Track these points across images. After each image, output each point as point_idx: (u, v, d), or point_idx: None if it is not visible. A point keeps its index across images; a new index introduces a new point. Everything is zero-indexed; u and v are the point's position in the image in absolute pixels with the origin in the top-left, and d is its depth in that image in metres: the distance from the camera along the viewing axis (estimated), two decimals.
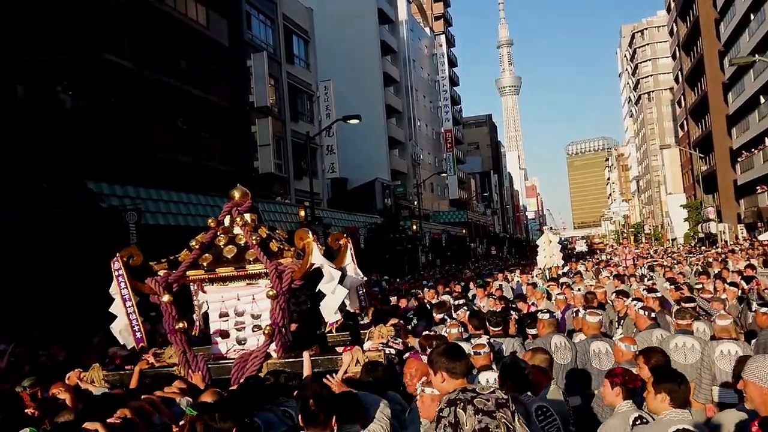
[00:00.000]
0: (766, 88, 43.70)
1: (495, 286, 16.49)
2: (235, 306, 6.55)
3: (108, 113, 19.91)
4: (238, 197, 6.60)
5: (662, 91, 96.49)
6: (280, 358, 6.19)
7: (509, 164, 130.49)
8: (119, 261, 6.34)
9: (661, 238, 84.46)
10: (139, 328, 6.29)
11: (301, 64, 38.60)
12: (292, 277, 6.12)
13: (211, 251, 6.43)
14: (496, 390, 3.54)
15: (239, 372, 6.03)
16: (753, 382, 3.45)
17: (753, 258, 22.08)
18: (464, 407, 3.38)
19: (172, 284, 6.36)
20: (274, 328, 6.14)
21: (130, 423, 4.46)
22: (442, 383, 3.74)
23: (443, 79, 75.70)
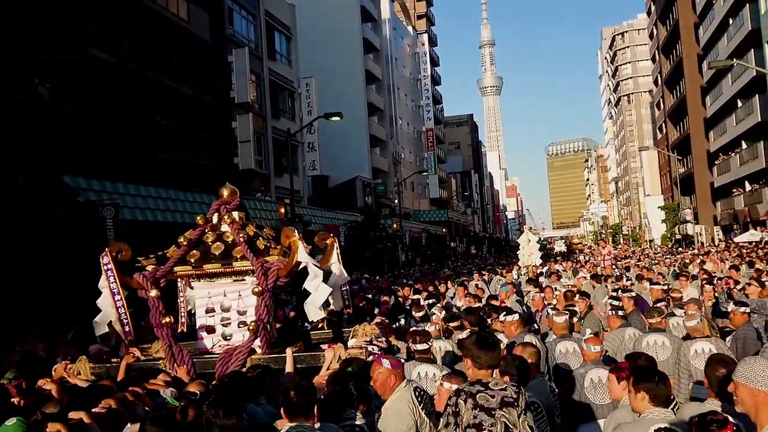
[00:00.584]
0: (743, 92, 44.21)
1: (471, 286, 16.52)
2: (221, 302, 6.66)
3: (86, 107, 19.67)
4: (227, 195, 6.72)
5: (642, 93, 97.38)
6: (264, 354, 6.26)
7: (490, 164, 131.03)
8: (108, 255, 6.45)
9: (639, 239, 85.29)
10: (128, 321, 6.43)
11: (282, 61, 38.42)
12: (278, 274, 6.24)
13: (199, 248, 6.53)
14: (510, 387, 3.57)
15: (223, 366, 6.12)
16: (744, 384, 3.35)
17: (728, 260, 22.36)
18: (465, 399, 3.47)
19: (160, 279, 6.48)
20: (258, 324, 6.23)
21: (115, 413, 4.57)
22: (468, 369, 3.86)
23: (425, 78, 75.79)
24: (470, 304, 11.12)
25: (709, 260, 21.79)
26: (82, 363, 6.58)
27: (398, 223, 46.35)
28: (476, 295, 12.59)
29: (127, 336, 6.58)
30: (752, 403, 3.33)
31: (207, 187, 24.79)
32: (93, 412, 4.44)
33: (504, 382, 3.67)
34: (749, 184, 46.26)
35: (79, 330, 11.04)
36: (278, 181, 34.31)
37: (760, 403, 3.27)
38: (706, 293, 11.40)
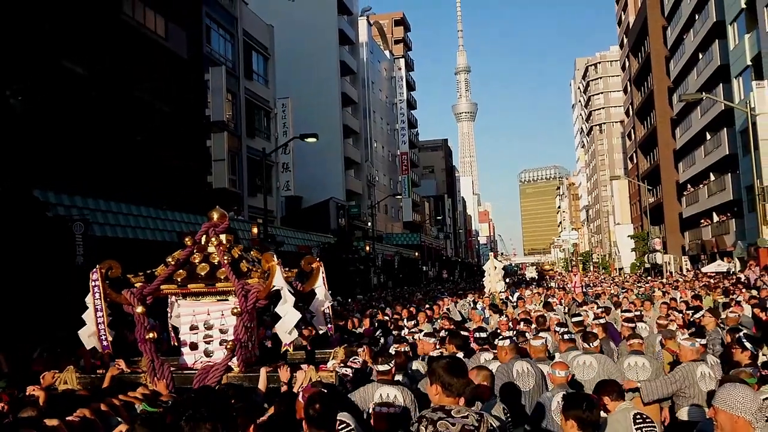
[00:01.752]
0: (712, 125, 45.14)
1: (443, 309, 16.61)
2: (205, 320, 6.95)
3: (59, 121, 19.44)
4: (217, 218, 7.01)
5: (613, 123, 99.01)
6: (240, 372, 6.55)
7: (463, 189, 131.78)
8: (98, 272, 6.74)
9: (609, 267, 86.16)
10: (106, 336, 6.72)
11: (260, 81, 38.43)
12: (257, 296, 6.52)
13: (185, 267, 6.83)
14: (471, 415, 3.56)
15: (200, 382, 6.37)
16: (723, 410, 3.46)
17: (695, 290, 22.66)
18: (426, 426, 3.48)
19: (146, 296, 6.77)
20: (236, 343, 6.51)
21: (89, 422, 4.76)
22: (435, 395, 3.77)
23: (401, 102, 76.27)
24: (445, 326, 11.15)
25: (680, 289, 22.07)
26: (69, 372, 6.81)
27: (371, 245, 46.29)
28: (451, 318, 12.72)
29: (104, 350, 6.85)
30: (731, 429, 3.44)
31: (179, 205, 24.59)
32: (67, 421, 4.55)
33: (466, 410, 3.66)
34: (717, 215, 47.08)
35: (45, 347, 10.79)
36: (252, 201, 34.13)
37: (739, 428, 3.39)
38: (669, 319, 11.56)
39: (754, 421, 3.40)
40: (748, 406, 3.41)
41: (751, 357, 6.61)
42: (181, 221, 24.09)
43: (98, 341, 6.74)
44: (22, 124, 18.08)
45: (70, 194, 18.54)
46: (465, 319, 15.92)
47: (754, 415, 3.40)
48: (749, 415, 3.39)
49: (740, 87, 39.09)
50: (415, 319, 13.64)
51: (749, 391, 3.53)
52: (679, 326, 11.38)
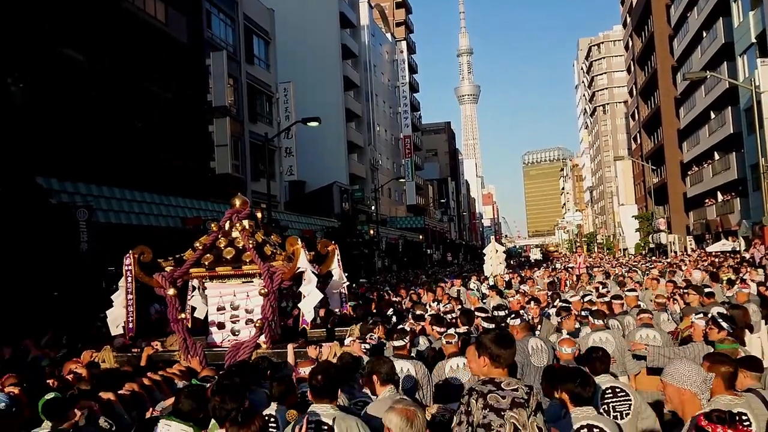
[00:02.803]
0: (716, 104, 44.87)
1: (453, 291, 16.68)
2: (231, 301, 7.41)
3: (60, 108, 19.40)
4: (239, 205, 7.46)
5: (617, 103, 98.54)
6: (268, 349, 6.99)
7: (466, 172, 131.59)
8: (131, 257, 7.20)
9: (613, 248, 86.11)
10: (133, 319, 7.19)
11: (261, 65, 38.28)
12: (282, 278, 6.99)
13: (212, 252, 7.28)
14: (522, 388, 3.59)
15: (231, 359, 6.84)
16: (671, 384, 3.69)
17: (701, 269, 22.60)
18: (476, 399, 3.53)
19: (177, 279, 7.22)
20: (264, 322, 7.01)
21: (137, 395, 5.31)
22: (483, 367, 3.79)
23: (403, 85, 75.94)
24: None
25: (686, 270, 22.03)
26: (106, 352, 7.28)
27: (375, 229, 46.31)
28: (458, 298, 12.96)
29: (129, 332, 7.32)
30: (679, 401, 3.68)
31: (182, 191, 24.58)
32: (118, 394, 5.14)
33: (516, 382, 3.66)
34: (721, 194, 46.93)
35: (53, 334, 10.84)
36: (255, 186, 34.11)
37: (685, 400, 3.62)
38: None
39: (700, 392, 3.60)
40: (693, 379, 3.62)
41: (727, 336, 6.58)
42: (184, 207, 24.11)
43: (125, 323, 7.18)
44: (24, 112, 18.05)
45: (73, 181, 18.54)
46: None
47: (699, 387, 3.61)
48: (694, 387, 3.61)
49: (745, 65, 38.80)
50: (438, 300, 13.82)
51: (695, 366, 3.73)
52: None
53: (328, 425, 4.33)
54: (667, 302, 10.94)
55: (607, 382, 5.40)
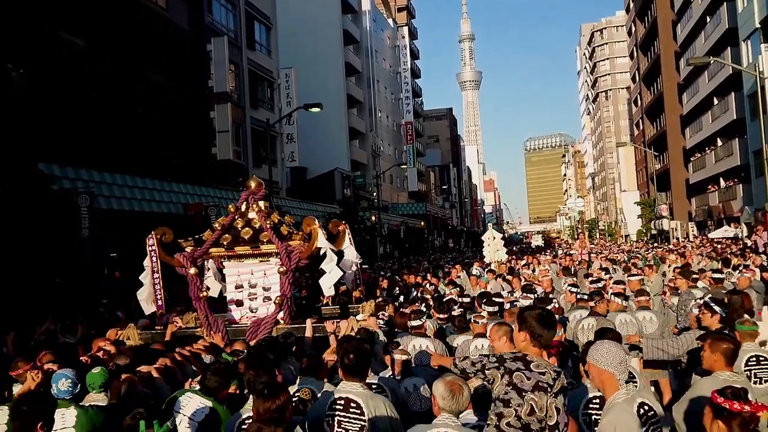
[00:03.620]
0: (720, 89, 44.69)
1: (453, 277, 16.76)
2: (248, 279, 7.71)
3: (60, 94, 19.31)
4: (254, 187, 7.72)
5: (619, 89, 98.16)
6: (287, 324, 7.31)
7: (468, 158, 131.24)
8: (153, 238, 7.44)
9: (615, 234, 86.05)
10: (161, 296, 7.51)
11: (262, 51, 38.10)
12: (300, 256, 7.29)
13: (230, 232, 7.58)
14: (549, 372, 3.70)
15: (252, 335, 7.18)
16: (592, 364, 3.90)
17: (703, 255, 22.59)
18: (503, 374, 3.68)
19: (197, 259, 7.52)
20: (283, 299, 7.32)
21: (170, 369, 5.60)
22: (522, 342, 3.87)
23: (405, 71, 75.63)
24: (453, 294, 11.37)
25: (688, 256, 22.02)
26: (131, 330, 7.59)
27: (377, 215, 46.27)
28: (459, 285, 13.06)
29: (159, 309, 7.62)
30: (599, 380, 3.89)
31: (184, 177, 24.54)
32: (156, 367, 5.46)
33: (546, 365, 3.75)
34: (724, 180, 46.84)
35: (51, 323, 10.81)
36: (256, 172, 33.91)
37: (605, 379, 3.83)
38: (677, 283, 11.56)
39: (617, 373, 3.81)
40: (610, 360, 3.81)
41: (720, 320, 6.60)
42: (186, 193, 24.06)
43: (154, 301, 7.49)
44: (24, 98, 17.97)
45: (74, 167, 18.48)
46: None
47: (616, 367, 3.81)
48: (612, 367, 3.80)
49: (748, 50, 38.57)
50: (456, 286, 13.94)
51: (614, 347, 3.92)
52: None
53: (357, 403, 4.44)
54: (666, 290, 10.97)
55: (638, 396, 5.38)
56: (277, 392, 3.86)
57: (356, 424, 4.41)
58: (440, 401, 3.77)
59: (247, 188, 7.78)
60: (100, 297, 16.13)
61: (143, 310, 7.76)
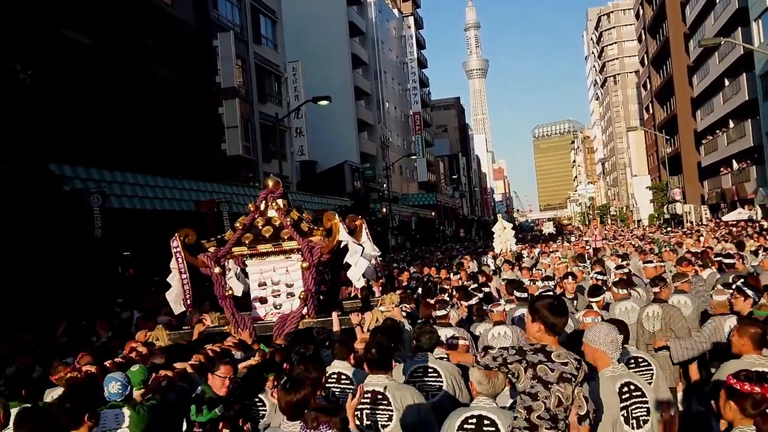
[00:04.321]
0: (731, 70, 44.22)
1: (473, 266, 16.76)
2: (271, 277, 7.82)
3: (69, 93, 19.25)
4: (272, 185, 7.87)
5: (628, 74, 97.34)
6: (312, 319, 7.47)
7: (477, 147, 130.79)
8: (177, 240, 7.56)
9: (627, 219, 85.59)
10: (190, 296, 7.65)
11: (268, 45, 37.95)
12: (321, 251, 7.42)
13: (251, 231, 7.71)
14: (571, 362, 3.77)
15: (279, 330, 7.35)
16: (587, 344, 4.36)
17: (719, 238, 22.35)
18: (526, 368, 3.74)
19: (221, 258, 7.66)
20: (307, 294, 7.48)
21: (203, 365, 5.80)
22: (536, 332, 3.92)
23: (412, 61, 75.28)
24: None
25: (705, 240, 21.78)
26: (159, 330, 7.75)
27: (388, 207, 46.15)
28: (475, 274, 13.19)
29: (188, 308, 7.84)
30: (593, 358, 4.32)
31: (195, 174, 24.48)
32: (190, 364, 5.75)
33: (566, 355, 3.81)
34: (737, 162, 46.42)
35: (69, 324, 10.79)
36: (266, 167, 33.96)
37: (597, 357, 4.30)
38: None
39: (609, 351, 4.26)
40: (603, 340, 4.25)
41: (753, 305, 6.45)
42: (198, 190, 24.00)
43: (183, 300, 7.65)
44: (32, 98, 17.92)
45: (85, 167, 18.44)
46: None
47: (608, 346, 4.25)
48: (604, 346, 4.25)
49: (760, 30, 38.11)
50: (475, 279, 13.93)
51: (606, 328, 4.36)
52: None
53: (383, 394, 4.62)
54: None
55: (630, 351, 5.60)
56: (298, 386, 3.89)
57: (384, 415, 4.59)
58: (477, 386, 4.15)
59: (265, 187, 7.93)
60: (115, 297, 16.13)
61: (173, 310, 7.98)
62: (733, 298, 6.74)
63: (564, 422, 3.69)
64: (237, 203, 25.21)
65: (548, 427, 3.66)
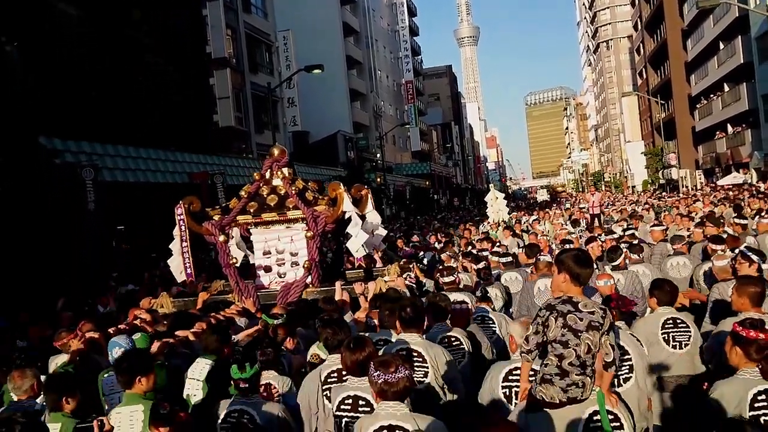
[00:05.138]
0: (726, 33, 43.84)
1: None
2: (276, 245, 7.87)
3: (58, 66, 18.87)
4: (277, 154, 7.87)
5: (621, 39, 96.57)
6: (316, 288, 7.50)
7: (469, 115, 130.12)
8: (182, 207, 7.65)
9: (621, 185, 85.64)
10: (189, 264, 7.79)
11: (258, 14, 37.33)
12: (326, 221, 7.46)
13: (256, 200, 7.73)
14: (598, 311, 3.86)
15: (283, 299, 7.34)
16: None
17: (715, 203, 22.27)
18: (556, 318, 3.84)
19: (225, 227, 7.69)
20: (311, 263, 7.49)
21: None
22: (562, 283, 4.00)
23: (403, 29, 74.43)
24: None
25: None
26: (164, 298, 7.79)
27: (382, 177, 45.92)
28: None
29: (188, 277, 7.84)
30: None
31: (187, 146, 24.18)
32: (192, 332, 5.80)
33: (592, 305, 3.91)
34: (731, 126, 46.26)
35: (68, 299, 10.67)
36: (259, 138, 33.64)
37: None
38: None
39: None
40: None
41: (758, 269, 6.34)
42: (190, 162, 23.72)
43: (184, 268, 7.76)
44: (20, 71, 17.54)
45: (76, 140, 18.13)
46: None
47: None
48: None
49: None
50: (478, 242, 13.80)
51: None
52: None
53: (418, 352, 4.77)
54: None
55: (668, 313, 5.70)
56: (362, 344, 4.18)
57: (420, 371, 4.75)
58: (517, 339, 4.31)
59: (270, 155, 7.91)
60: (110, 270, 15.96)
61: (175, 277, 8.02)
62: (738, 264, 6.61)
63: (591, 368, 3.82)
64: (231, 174, 24.96)
65: (578, 373, 3.79)
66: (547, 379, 3.84)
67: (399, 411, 3.58)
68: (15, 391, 4.94)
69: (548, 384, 3.83)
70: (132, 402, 4.34)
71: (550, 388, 3.82)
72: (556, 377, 3.82)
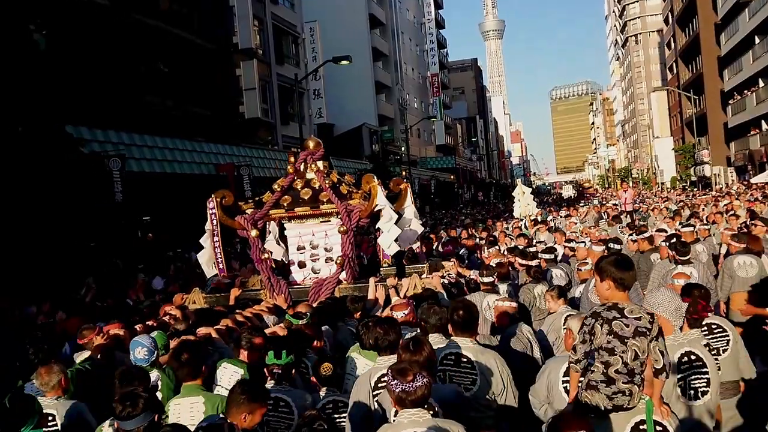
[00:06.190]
0: (761, 27, 42.79)
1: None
2: (310, 240, 7.67)
3: (85, 55, 18.74)
4: (313, 146, 7.63)
5: (650, 33, 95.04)
6: (350, 284, 7.26)
7: (494, 109, 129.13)
8: (214, 201, 7.38)
9: (650, 182, 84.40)
10: (222, 259, 7.52)
11: (285, 4, 37.05)
12: (360, 215, 7.23)
13: (290, 193, 7.51)
14: (645, 317, 3.75)
15: (315, 295, 7.11)
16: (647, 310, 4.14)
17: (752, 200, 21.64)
18: (602, 324, 3.74)
19: (258, 221, 7.47)
20: (344, 259, 7.27)
21: (232, 330, 5.74)
22: (606, 290, 3.91)
23: (429, 21, 73.84)
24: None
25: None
26: (195, 294, 7.59)
27: (407, 170, 45.54)
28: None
29: (220, 272, 7.60)
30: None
31: (213, 137, 24.00)
32: (216, 328, 5.67)
33: (639, 310, 3.79)
34: (766, 123, 45.20)
35: (92, 287, 10.49)
36: (284, 130, 33.42)
37: (661, 323, 3.98)
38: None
39: (672, 318, 4.26)
40: (666, 306, 4.24)
41: None
42: (217, 153, 23.53)
43: (215, 263, 7.53)
44: (48, 60, 17.42)
45: (103, 129, 17.98)
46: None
47: (671, 314, 4.25)
48: (667, 313, 4.22)
49: None
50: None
51: (669, 294, 4.35)
52: None
53: (468, 358, 4.59)
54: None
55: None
56: (420, 346, 4.04)
57: (468, 378, 4.59)
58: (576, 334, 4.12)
59: (305, 148, 7.68)
60: (137, 262, 15.79)
61: (205, 273, 7.83)
62: None
63: (640, 376, 3.71)
64: (257, 167, 24.73)
65: (625, 381, 3.68)
66: (592, 386, 3.75)
67: (422, 418, 3.53)
68: (43, 387, 4.76)
69: (593, 390, 3.74)
70: (191, 393, 4.42)
71: (595, 394, 3.74)
72: (601, 384, 3.73)
